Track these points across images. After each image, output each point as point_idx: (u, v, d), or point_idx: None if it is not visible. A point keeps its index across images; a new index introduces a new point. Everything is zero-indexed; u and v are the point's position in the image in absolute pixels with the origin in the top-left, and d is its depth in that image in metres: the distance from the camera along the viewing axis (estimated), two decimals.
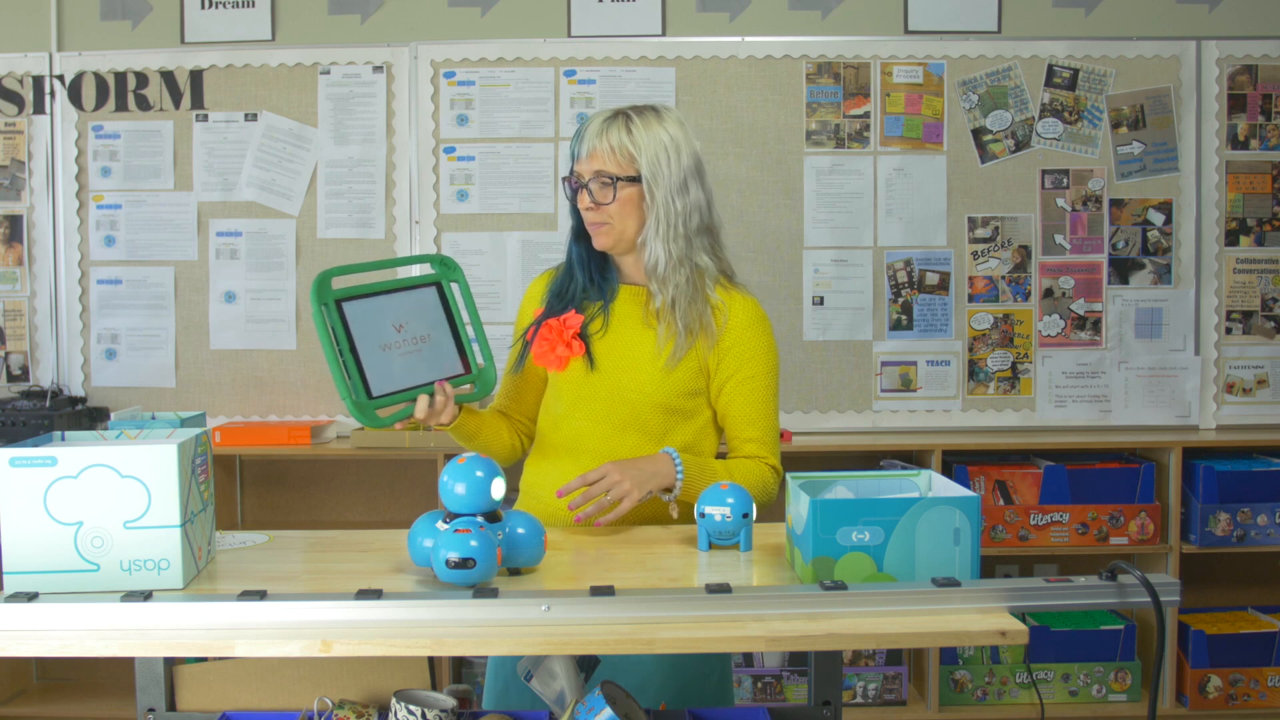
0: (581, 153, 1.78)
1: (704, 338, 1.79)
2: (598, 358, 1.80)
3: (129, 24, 3.30)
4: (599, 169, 1.76)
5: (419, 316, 1.73)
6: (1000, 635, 1.23)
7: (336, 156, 3.28)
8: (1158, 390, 3.30)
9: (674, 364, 1.78)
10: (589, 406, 1.81)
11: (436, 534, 1.38)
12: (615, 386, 1.80)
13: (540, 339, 1.83)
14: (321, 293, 1.60)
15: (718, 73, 3.26)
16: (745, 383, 1.81)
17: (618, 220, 1.78)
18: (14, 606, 1.25)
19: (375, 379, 1.63)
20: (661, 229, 1.76)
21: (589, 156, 1.77)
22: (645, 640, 1.22)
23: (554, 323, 1.82)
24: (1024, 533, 3.06)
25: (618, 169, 1.76)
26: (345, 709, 1.53)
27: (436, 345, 1.74)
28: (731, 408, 1.82)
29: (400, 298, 1.71)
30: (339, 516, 3.37)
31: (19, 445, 1.37)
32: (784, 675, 3.13)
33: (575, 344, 1.80)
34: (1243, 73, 3.27)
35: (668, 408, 1.79)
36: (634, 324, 1.82)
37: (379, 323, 1.66)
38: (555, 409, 1.87)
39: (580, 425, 1.81)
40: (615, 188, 1.76)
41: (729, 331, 1.80)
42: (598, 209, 1.77)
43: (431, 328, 1.74)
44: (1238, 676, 3.07)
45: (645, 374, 1.78)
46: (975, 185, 3.27)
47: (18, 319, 3.32)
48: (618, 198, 1.76)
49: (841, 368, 3.29)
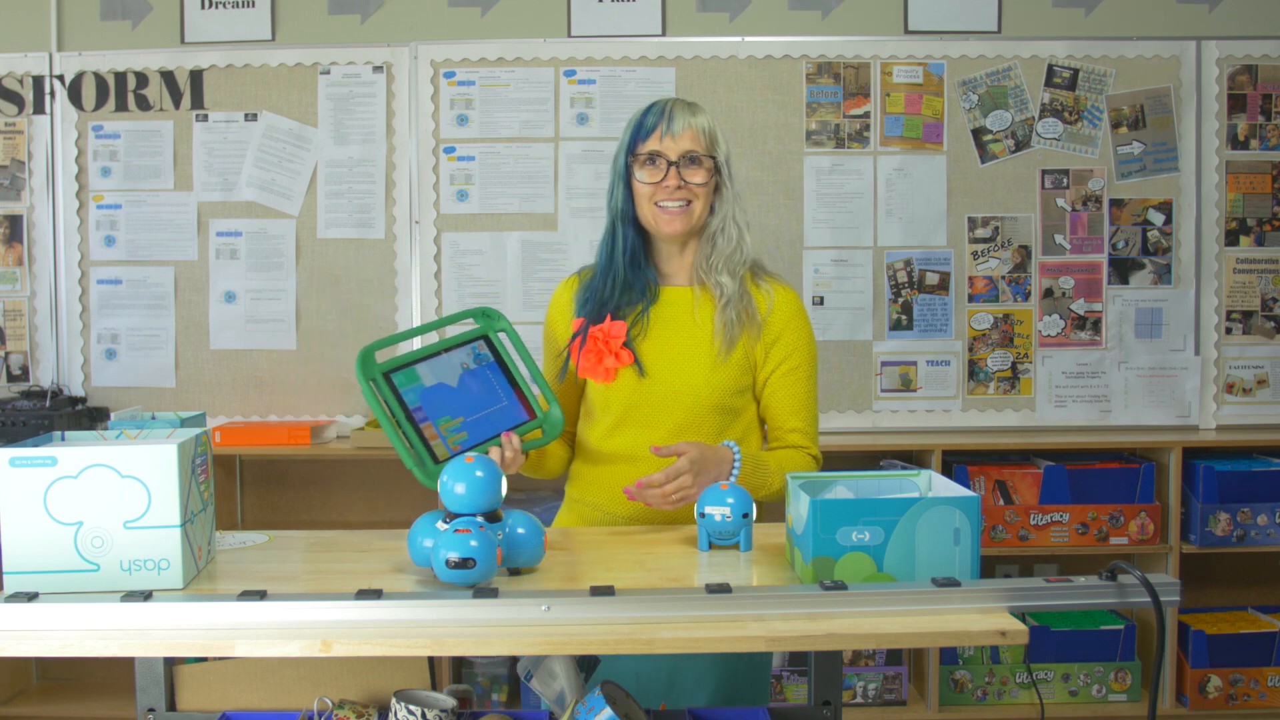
0: (674, 129, 1.76)
1: (750, 328, 1.79)
2: (646, 364, 1.78)
3: (129, 24, 3.30)
4: (688, 149, 1.76)
5: (473, 373, 1.70)
6: (1000, 635, 1.23)
7: (336, 156, 3.28)
8: (1158, 390, 3.30)
9: (725, 356, 1.77)
10: (642, 414, 1.78)
11: (436, 534, 1.38)
12: (668, 391, 1.77)
13: (586, 352, 1.79)
14: (367, 368, 1.57)
15: (718, 73, 3.26)
16: (790, 374, 1.81)
17: (697, 202, 1.78)
18: (14, 606, 1.25)
19: (440, 443, 1.59)
20: (735, 212, 1.80)
21: (681, 135, 1.76)
22: (645, 640, 1.22)
23: (597, 333, 1.78)
24: (1024, 533, 3.06)
25: (706, 149, 1.77)
26: (345, 709, 1.53)
27: (498, 396, 1.71)
28: (775, 399, 1.82)
29: (447, 358, 1.68)
30: (339, 516, 3.37)
31: (19, 445, 1.37)
32: (784, 675, 3.13)
33: (623, 354, 1.77)
34: (1243, 73, 3.27)
35: (720, 407, 1.78)
36: (679, 326, 1.80)
37: (431, 386, 1.63)
38: (605, 419, 1.82)
39: (635, 434, 1.78)
40: (705, 168, 1.77)
41: (773, 323, 1.80)
42: (686, 187, 1.77)
43: (490, 381, 1.71)
44: (1238, 676, 3.07)
45: (699, 376, 1.77)
46: (975, 185, 3.27)
47: (18, 319, 3.32)
48: (705, 180, 1.77)
49: (841, 368, 3.29)
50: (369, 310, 3.29)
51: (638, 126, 1.79)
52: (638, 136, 1.78)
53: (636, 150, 1.78)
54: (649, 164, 1.77)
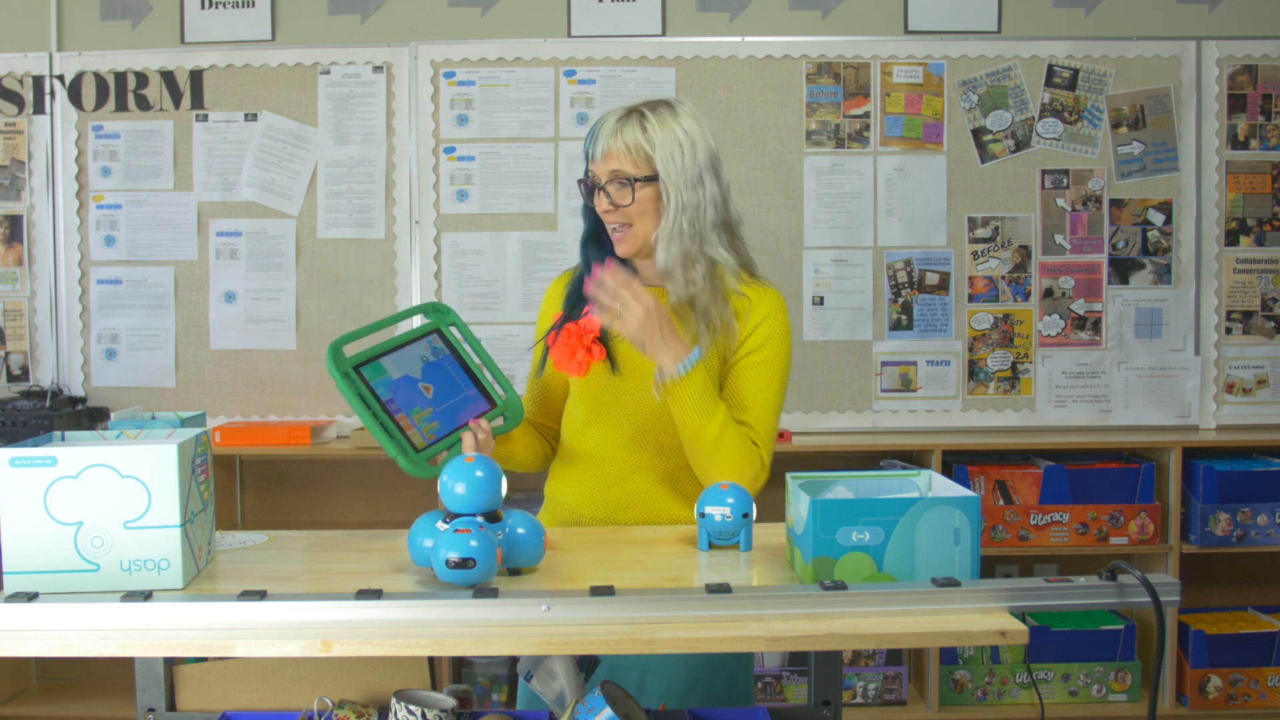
0: (596, 153, 1.72)
1: (726, 336, 1.73)
2: (620, 361, 1.76)
3: (129, 24, 3.30)
4: (615, 169, 1.70)
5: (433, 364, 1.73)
6: (1000, 635, 1.23)
7: (336, 156, 3.28)
8: (1158, 390, 3.30)
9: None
10: (612, 411, 1.77)
11: (436, 534, 1.38)
12: (637, 386, 1.75)
13: (559, 344, 1.77)
14: (338, 363, 1.59)
15: (718, 73, 3.26)
16: (756, 365, 1.74)
17: (637, 222, 1.72)
18: (14, 606, 1.25)
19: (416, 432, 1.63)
20: (675, 226, 1.69)
21: (604, 157, 1.71)
22: (645, 640, 1.22)
23: (573, 327, 1.77)
24: (1024, 533, 3.06)
25: (634, 169, 1.69)
26: (345, 709, 1.53)
27: (460, 386, 1.74)
28: (735, 384, 1.74)
29: (408, 351, 1.70)
30: (339, 516, 3.37)
31: (19, 445, 1.37)
32: (784, 675, 3.13)
33: (595, 348, 1.75)
34: (1243, 73, 3.27)
35: None
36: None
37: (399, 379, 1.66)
38: (577, 416, 1.82)
39: (604, 430, 1.77)
40: (633, 188, 1.70)
41: (752, 317, 1.74)
42: (616, 210, 1.72)
43: (449, 372, 1.74)
44: (1238, 676, 3.07)
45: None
46: (975, 185, 3.27)
47: (18, 319, 3.32)
48: (636, 198, 1.70)
49: (841, 368, 3.29)
50: (369, 310, 3.29)
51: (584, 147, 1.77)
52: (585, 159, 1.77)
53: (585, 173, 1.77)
54: (584, 185, 1.76)
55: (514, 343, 3.21)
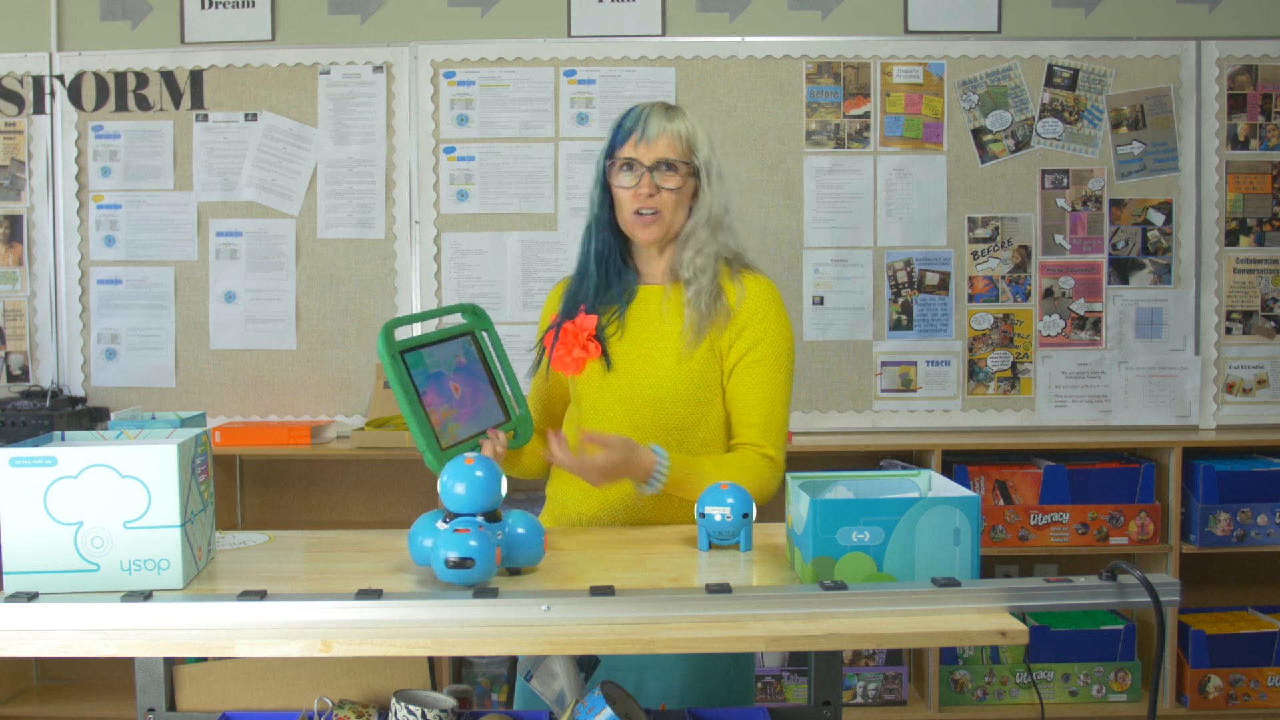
0: (647, 136, 1.74)
1: (719, 319, 1.75)
2: (615, 358, 1.78)
3: (129, 24, 3.30)
4: (662, 156, 1.74)
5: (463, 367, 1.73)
6: (1000, 635, 1.23)
7: (336, 156, 3.28)
8: (1158, 390, 3.30)
9: (692, 349, 1.74)
10: (608, 408, 1.79)
11: (436, 534, 1.38)
12: (634, 385, 1.77)
13: (557, 345, 1.80)
14: (389, 345, 1.57)
15: (718, 73, 3.26)
16: (752, 367, 1.76)
17: (669, 210, 1.76)
18: (14, 606, 1.25)
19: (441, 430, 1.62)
20: (711, 218, 1.77)
21: (655, 141, 1.73)
22: (645, 640, 1.22)
23: (569, 326, 1.80)
24: (1024, 533, 3.06)
25: (681, 157, 1.75)
26: (345, 709, 1.53)
27: (482, 394, 1.73)
28: (734, 392, 1.77)
29: (446, 347, 1.70)
30: (339, 516, 3.37)
31: (19, 445, 1.37)
32: (784, 675, 3.13)
33: (591, 346, 1.77)
34: (1243, 73, 3.27)
35: (687, 399, 1.75)
36: (650, 321, 1.79)
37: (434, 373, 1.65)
38: (576, 415, 1.85)
39: (603, 429, 1.76)
40: (680, 175, 1.75)
41: (742, 312, 1.76)
42: (658, 195, 1.74)
43: (475, 377, 1.74)
44: (1238, 676, 3.07)
45: (663, 369, 1.75)
46: (975, 185, 3.27)
47: (18, 319, 3.32)
48: (681, 186, 1.75)
49: (841, 368, 3.29)
50: (369, 310, 3.29)
51: (615, 131, 1.78)
52: (615, 142, 1.77)
53: (614, 155, 1.77)
54: (625, 170, 1.76)
55: (514, 343, 3.18)
